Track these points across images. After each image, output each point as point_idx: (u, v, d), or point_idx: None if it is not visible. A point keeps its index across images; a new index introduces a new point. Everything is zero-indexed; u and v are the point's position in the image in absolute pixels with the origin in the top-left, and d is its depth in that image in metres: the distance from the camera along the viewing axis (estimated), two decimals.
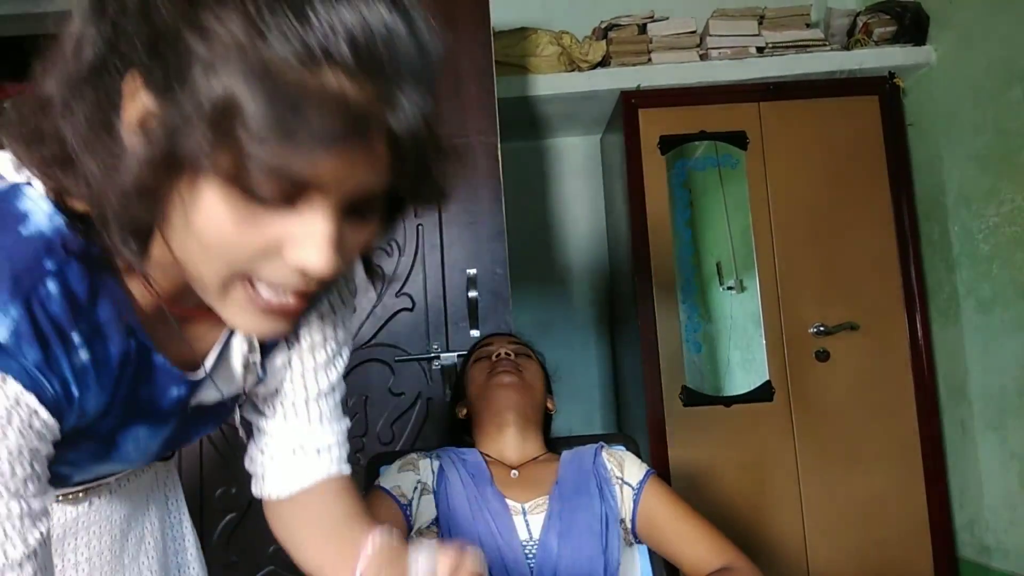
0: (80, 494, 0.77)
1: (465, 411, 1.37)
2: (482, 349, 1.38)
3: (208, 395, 0.71)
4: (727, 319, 3.04)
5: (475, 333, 2.03)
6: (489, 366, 1.32)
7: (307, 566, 0.78)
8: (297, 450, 0.79)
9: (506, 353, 1.34)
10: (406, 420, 2.02)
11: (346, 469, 0.82)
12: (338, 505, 0.79)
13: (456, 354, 1.98)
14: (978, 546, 2.70)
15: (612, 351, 3.18)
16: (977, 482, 2.72)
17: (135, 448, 0.67)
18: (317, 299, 0.57)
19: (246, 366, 0.71)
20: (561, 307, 3.18)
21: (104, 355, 0.57)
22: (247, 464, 0.82)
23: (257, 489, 0.81)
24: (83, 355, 0.55)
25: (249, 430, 0.82)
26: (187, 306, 0.63)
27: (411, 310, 2.08)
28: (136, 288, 0.60)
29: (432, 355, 2.00)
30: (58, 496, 0.75)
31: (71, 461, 0.64)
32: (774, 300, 2.73)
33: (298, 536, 0.80)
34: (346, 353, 0.81)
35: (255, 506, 1.91)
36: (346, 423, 0.83)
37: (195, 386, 0.68)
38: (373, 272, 0.69)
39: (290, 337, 0.76)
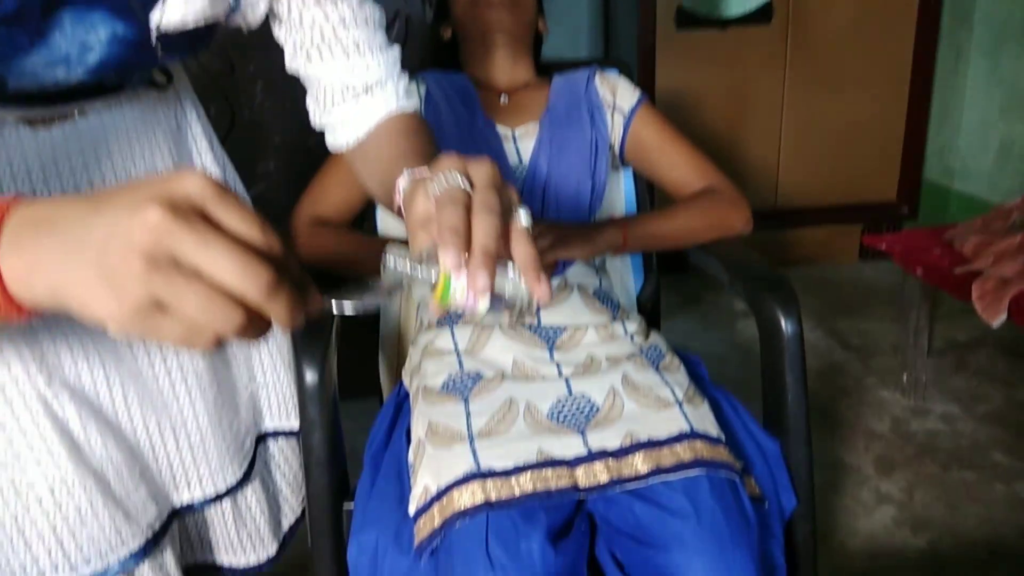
0: (55, 119, 0.73)
1: (450, 32, 1.28)
2: None
3: (170, 17, 0.64)
4: None
5: None
6: None
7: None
8: (346, 92, 0.75)
9: None
10: None
11: (408, 105, 0.77)
12: (403, 142, 0.75)
13: None
14: (944, 169, 2.82)
15: None
16: (959, 108, 2.74)
17: (63, 39, 0.62)
18: None
19: None
20: None
21: None
22: (311, 120, 0.79)
23: (328, 141, 0.78)
24: None
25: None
26: None
27: None
28: None
29: None
30: (28, 121, 0.71)
31: None
32: None
33: (372, 182, 0.78)
34: None
35: (238, 123, 1.88)
36: (395, 52, 0.77)
37: None
38: None
39: None
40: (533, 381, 0.99)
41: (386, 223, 1.26)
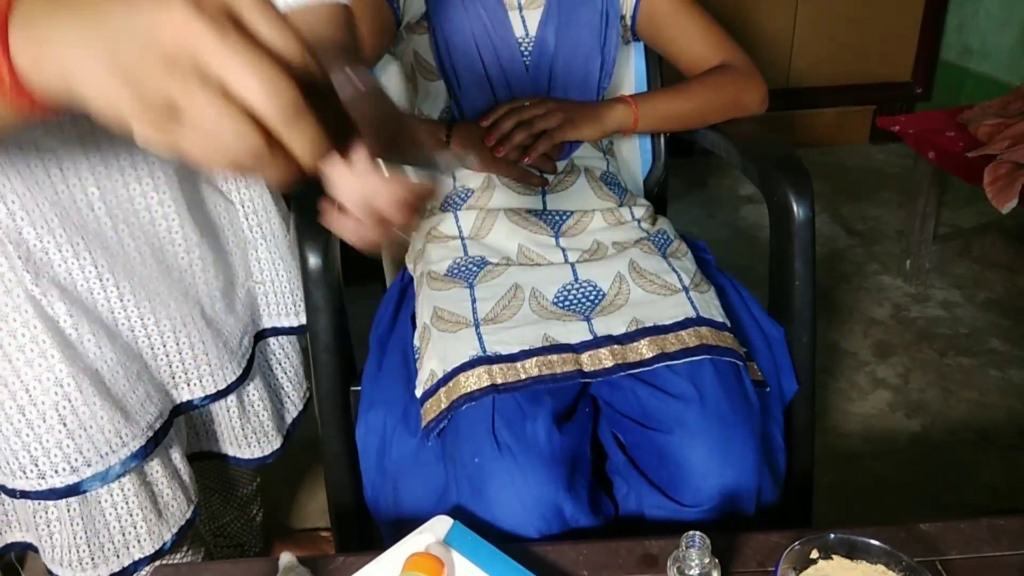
0: None
1: None
2: None
3: None
4: None
5: None
6: None
7: None
8: None
9: None
10: None
11: None
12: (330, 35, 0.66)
13: None
14: (962, 47, 2.71)
15: None
16: None
17: None
18: None
19: None
20: None
21: None
22: None
23: None
24: None
25: None
26: None
27: None
28: None
29: None
30: None
31: None
32: None
33: None
34: None
35: None
36: None
37: None
38: None
39: None
40: (539, 267, 0.97)
41: None
